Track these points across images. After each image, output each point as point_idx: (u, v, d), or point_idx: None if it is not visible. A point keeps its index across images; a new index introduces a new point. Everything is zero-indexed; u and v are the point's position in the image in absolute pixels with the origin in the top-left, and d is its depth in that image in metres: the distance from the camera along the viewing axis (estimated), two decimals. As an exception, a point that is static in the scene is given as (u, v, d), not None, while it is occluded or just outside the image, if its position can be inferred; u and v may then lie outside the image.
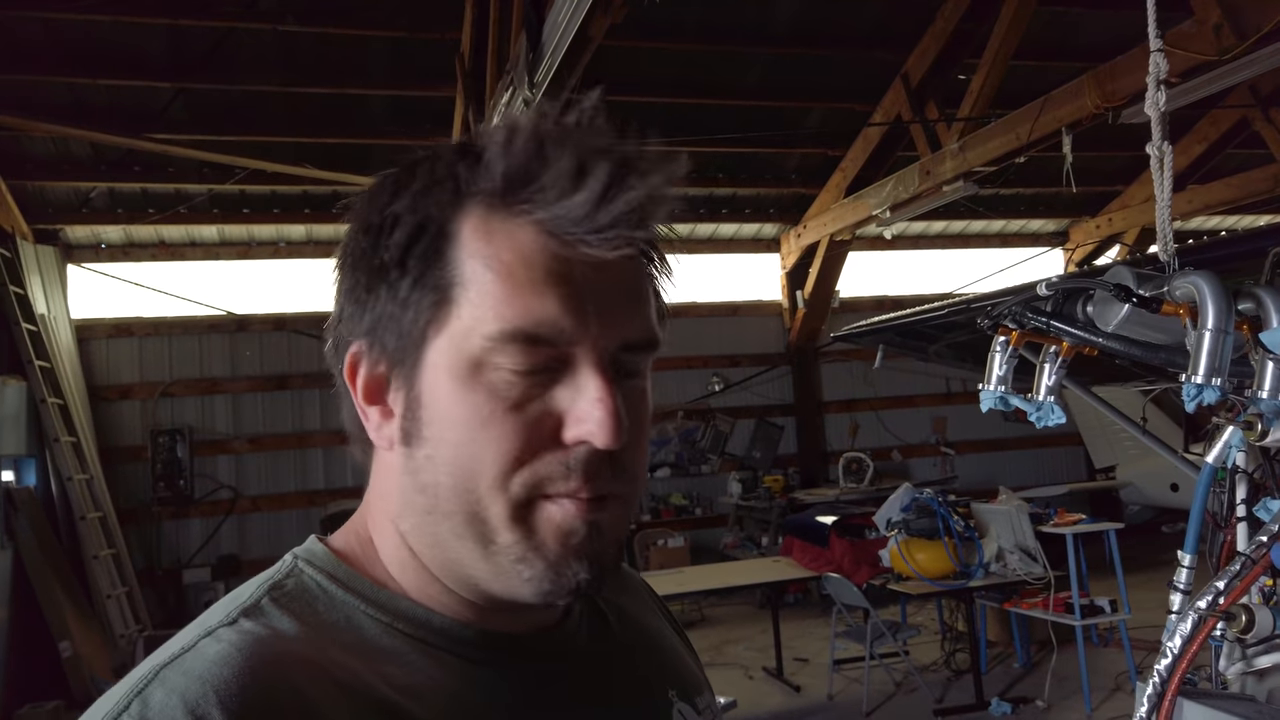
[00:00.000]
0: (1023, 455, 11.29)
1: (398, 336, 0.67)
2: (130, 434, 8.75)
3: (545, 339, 0.64)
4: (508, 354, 0.64)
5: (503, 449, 0.64)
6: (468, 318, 0.64)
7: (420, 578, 0.71)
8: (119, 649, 7.29)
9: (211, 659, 0.59)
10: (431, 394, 0.66)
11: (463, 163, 0.67)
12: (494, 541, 0.65)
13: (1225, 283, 1.33)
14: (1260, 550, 1.67)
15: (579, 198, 0.63)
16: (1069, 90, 6.20)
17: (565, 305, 0.64)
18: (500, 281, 0.64)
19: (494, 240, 0.65)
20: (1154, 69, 1.67)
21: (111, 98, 7.38)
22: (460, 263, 0.65)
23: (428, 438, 0.66)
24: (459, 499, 0.65)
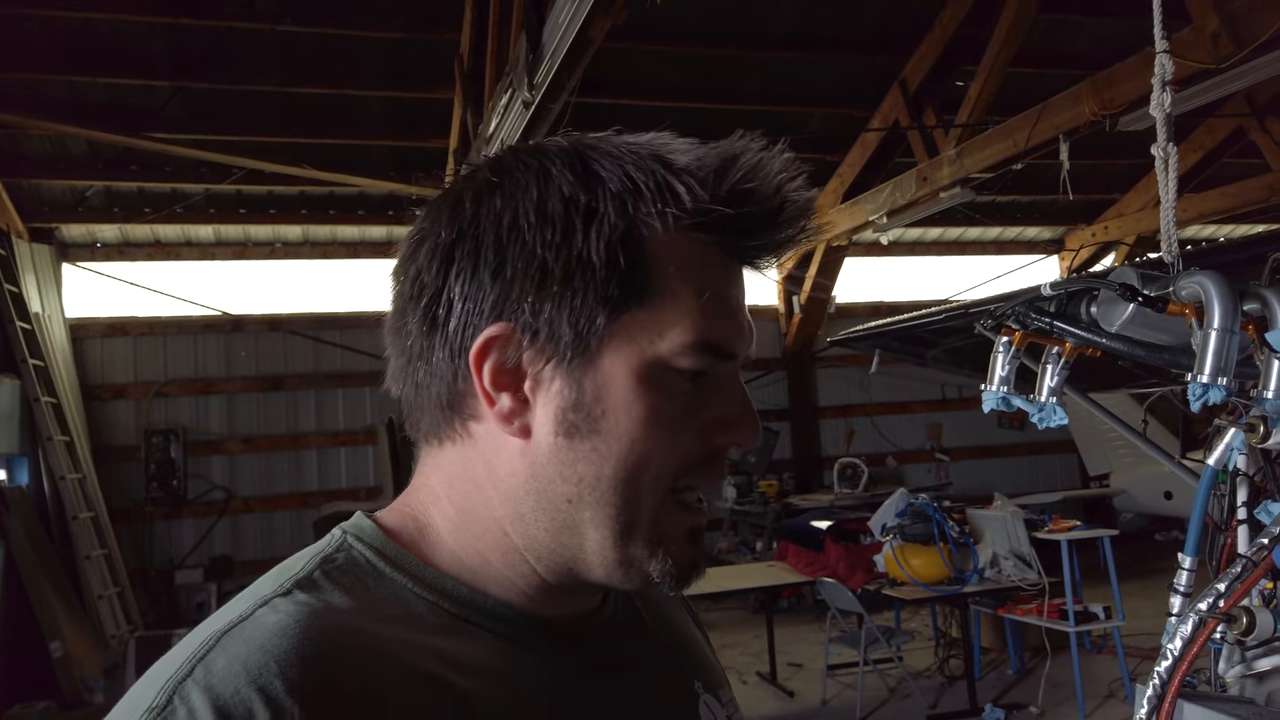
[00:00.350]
0: (1017, 462, 11.31)
1: (577, 330, 0.67)
2: (124, 433, 8.72)
3: (730, 353, 0.70)
4: (692, 361, 0.68)
5: (672, 448, 0.69)
6: (661, 324, 0.68)
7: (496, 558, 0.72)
8: (110, 649, 7.26)
9: (271, 629, 0.61)
10: (607, 389, 0.68)
11: (671, 174, 0.69)
12: (634, 534, 0.69)
13: (1232, 283, 1.33)
14: (1261, 553, 1.67)
15: (757, 218, 0.70)
16: (1067, 97, 6.22)
17: (742, 326, 0.72)
18: (695, 295, 0.69)
19: (690, 254, 0.69)
20: (1159, 70, 1.67)
21: (109, 96, 7.36)
22: (659, 271, 0.68)
23: (599, 431, 0.68)
24: (620, 492, 0.68)
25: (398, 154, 8.51)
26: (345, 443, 9.33)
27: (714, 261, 0.70)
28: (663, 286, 0.68)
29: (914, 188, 7.74)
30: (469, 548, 0.73)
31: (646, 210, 0.68)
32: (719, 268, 0.71)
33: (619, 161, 0.69)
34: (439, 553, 0.73)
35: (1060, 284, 1.60)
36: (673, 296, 0.68)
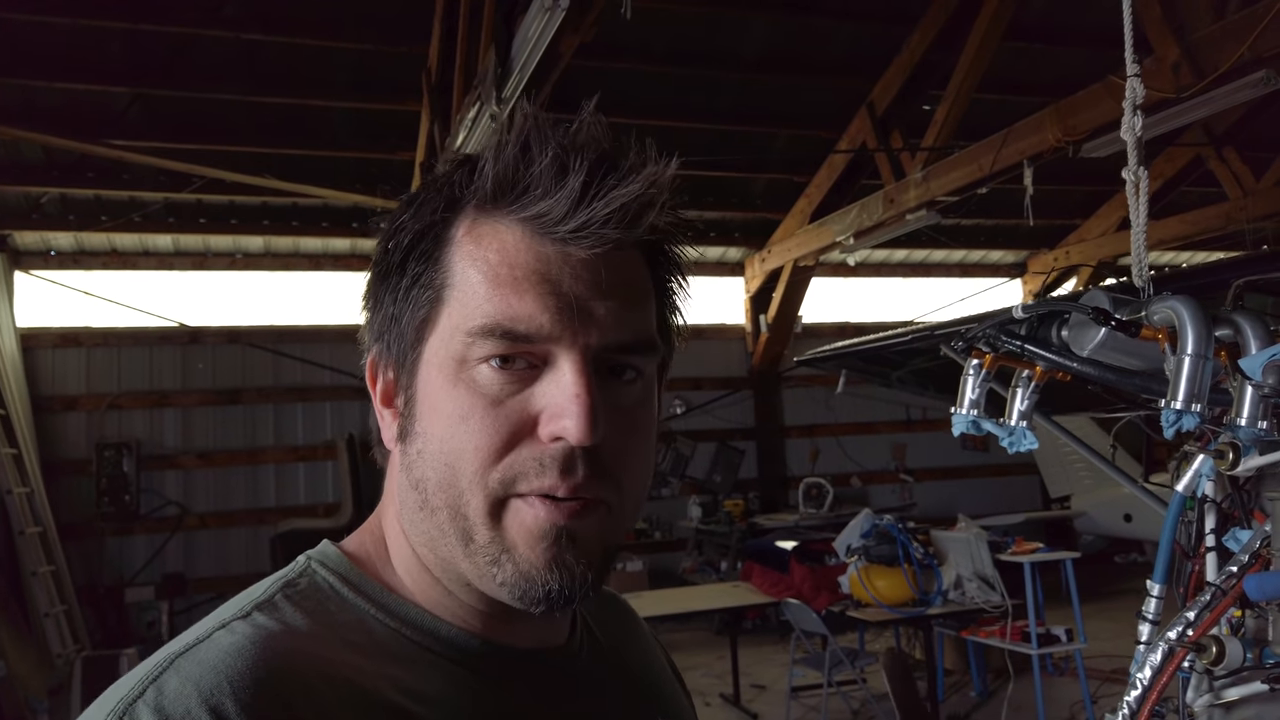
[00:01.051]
0: (980, 483, 11.39)
1: (399, 338, 0.70)
2: (75, 447, 8.49)
3: (523, 334, 0.65)
4: (487, 348, 0.65)
5: (481, 442, 0.65)
6: (456, 315, 0.67)
7: (426, 580, 0.72)
8: (56, 669, 7.04)
9: (226, 650, 0.61)
10: (424, 391, 0.68)
11: (461, 170, 0.70)
12: (472, 539, 0.67)
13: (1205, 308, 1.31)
14: (1230, 581, 1.65)
15: (560, 196, 0.65)
16: (1031, 123, 6.30)
17: (544, 302, 0.65)
18: (485, 280, 0.66)
19: (482, 241, 0.68)
20: (1130, 94, 1.66)
21: (66, 101, 7.21)
22: (452, 264, 0.68)
23: (418, 433, 0.68)
24: (443, 493, 0.67)
25: (364, 166, 8.42)
26: (304, 458, 9.16)
27: (519, 245, 0.67)
28: (456, 280, 0.68)
29: (880, 209, 7.79)
30: (404, 569, 0.73)
31: (441, 211, 0.70)
32: (526, 250, 0.67)
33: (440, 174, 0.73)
34: (399, 575, 0.73)
35: (1031, 307, 1.58)
36: (463, 287, 0.67)
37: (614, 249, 0.67)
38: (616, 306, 0.68)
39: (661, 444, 10.42)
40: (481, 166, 0.68)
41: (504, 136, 0.68)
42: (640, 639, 0.94)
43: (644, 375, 0.71)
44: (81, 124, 7.20)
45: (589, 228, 0.65)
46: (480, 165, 0.68)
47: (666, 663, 0.96)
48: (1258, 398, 1.24)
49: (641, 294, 0.71)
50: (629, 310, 0.69)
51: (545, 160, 0.66)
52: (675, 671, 0.97)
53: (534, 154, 0.66)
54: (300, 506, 8.99)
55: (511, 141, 0.67)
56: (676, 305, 0.77)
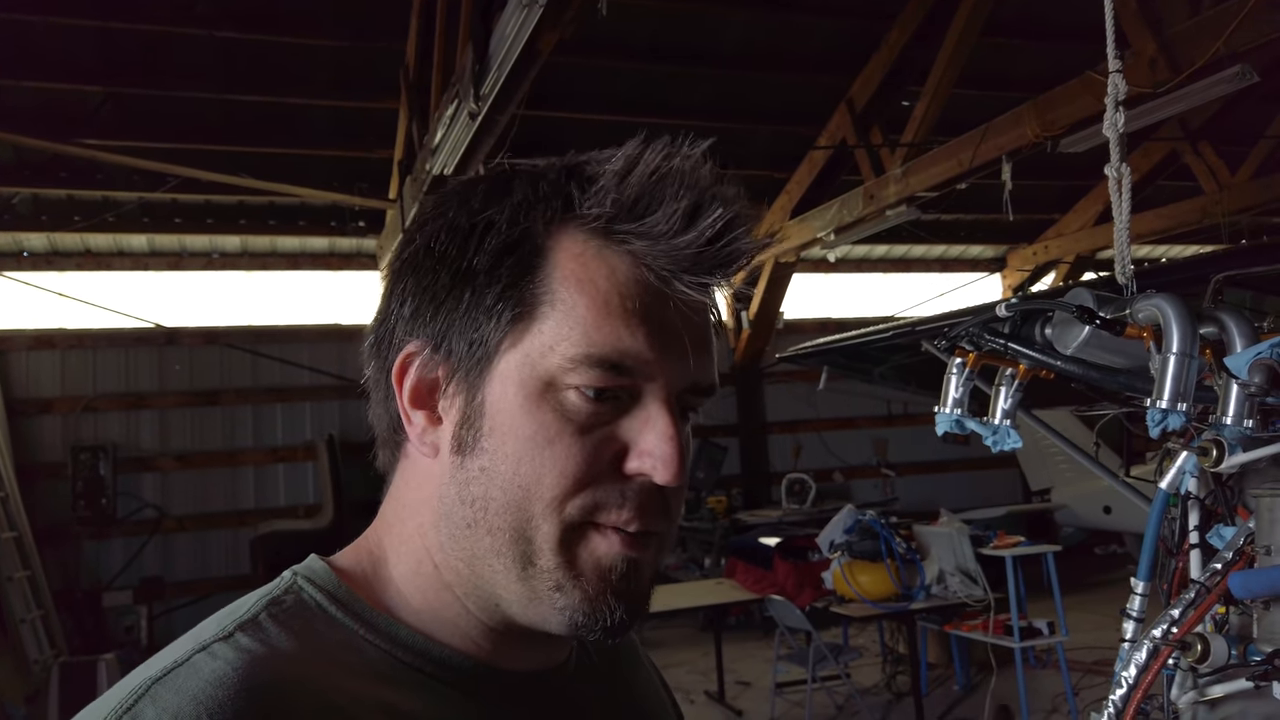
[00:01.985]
0: (962, 477, 11.45)
1: (470, 343, 0.66)
2: (50, 450, 8.38)
3: (627, 369, 0.64)
4: (587, 376, 0.63)
5: (565, 469, 0.63)
6: (550, 335, 0.64)
7: (437, 597, 0.69)
8: (33, 675, 6.95)
9: (207, 678, 0.57)
10: (496, 406, 0.65)
11: (574, 183, 0.67)
12: (534, 564, 0.64)
13: (1190, 306, 1.31)
14: (1215, 578, 1.65)
15: (689, 238, 0.64)
16: (1010, 119, 6.32)
17: (652, 340, 0.64)
18: (592, 306, 0.64)
19: (590, 265, 0.65)
20: (1113, 90, 1.65)
21: (37, 100, 7.10)
22: (552, 281, 0.65)
23: (486, 449, 0.65)
24: (509, 515, 0.64)
25: (341, 165, 8.34)
26: (284, 459, 9.08)
27: (628, 275, 0.65)
28: (556, 298, 0.65)
29: (861, 205, 7.80)
30: (410, 584, 0.70)
31: (543, 219, 0.66)
32: (635, 282, 0.65)
33: (535, 175, 0.68)
34: (390, 593, 0.70)
35: (1015, 305, 1.57)
36: (565, 308, 0.64)
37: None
38: (701, 350, 0.68)
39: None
40: (601, 185, 0.65)
41: (633, 161, 0.65)
42: (633, 658, 0.92)
43: (697, 415, 0.72)
44: (53, 123, 7.09)
45: (707, 273, 0.66)
46: (600, 184, 0.65)
47: (657, 679, 0.95)
48: (1243, 396, 1.23)
49: (713, 339, 0.72)
50: (707, 354, 0.70)
51: (684, 199, 0.64)
52: (665, 687, 0.96)
53: (668, 189, 0.64)
54: (280, 508, 8.92)
55: (644, 169, 0.65)
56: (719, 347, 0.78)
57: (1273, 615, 1.53)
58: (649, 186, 0.65)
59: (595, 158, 0.68)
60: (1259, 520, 1.57)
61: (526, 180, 0.68)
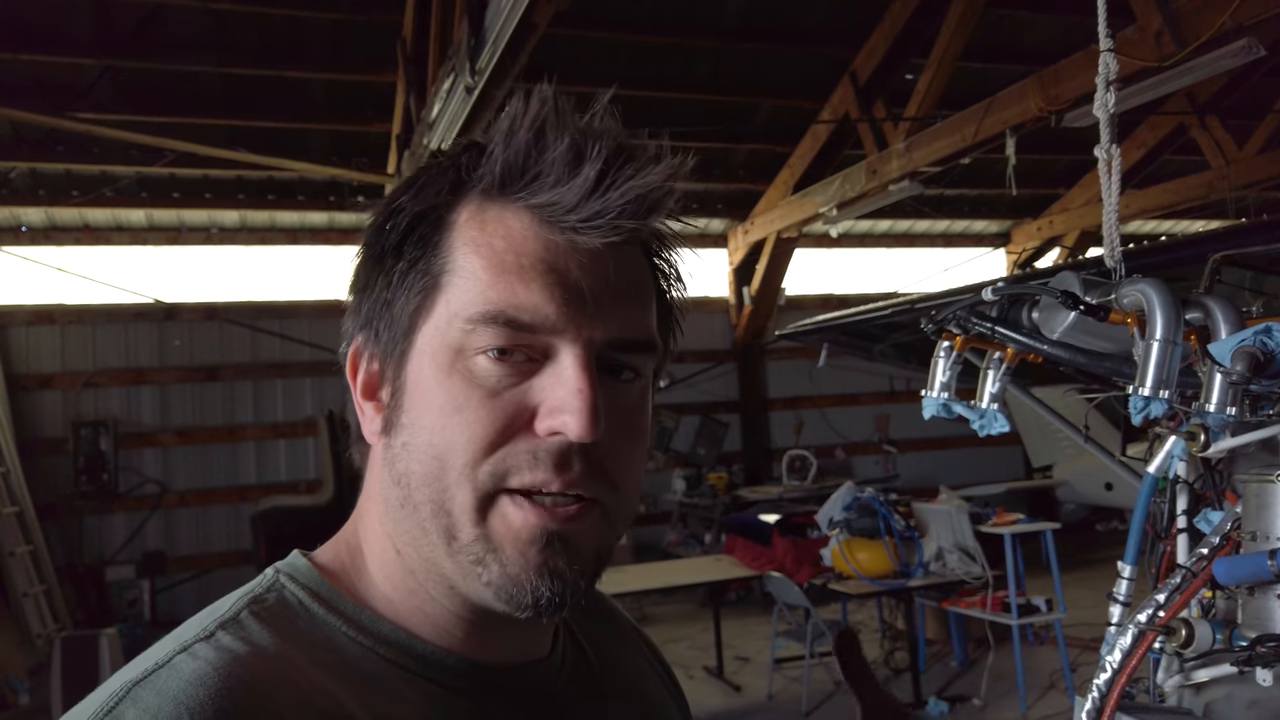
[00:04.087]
0: (964, 454, 11.43)
1: (389, 325, 0.66)
2: (51, 425, 8.40)
3: (526, 324, 0.62)
4: (486, 337, 0.62)
5: (474, 434, 0.62)
6: (455, 303, 0.64)
7: (407, 587, 0.68)
8: (36, 649, 7.01)
9: (187, 678, 0.57)
10: (415, 381, 0.65)
11: (466, 154, 0.67)
12: (456, 537, 0.63)
13: (1174, 292, 1.28)
14: (1200, 563, 1.64)
15: (573, 184, 0.63)
16: (1013, 93, 6.24)
17: (550, 293, 0.63)
18: (488, 267, 0.63)
19: (487, 227, 0.65)
20: (1103, 70, 1.62)
21: (34, 74, 7.04)
22: (453, 250, 0.65)
23: (405, 424, 0.65)
24: (428, 487, 0.63)
25: (339, 139, 8.29)
26: (284, 435, 9.10)
27: (526, 233, 0.64)
28: (456, 266, 0.65)
29: (863, 180, 7.74)
30: (381, 574, 0.69)
31: (443, 194, 0.66)
32: (533, 238, 0.64)
33: (439, 156, 0.69)
34: (368, 586, 0.70)
35: (1001, 289, 1.54)
36: (464, 274, 0.64)
37: (621, 243, 0.65)
38: (622, 303, 0.66)
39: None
40: (491, 150, 0.65)
41: (517, 121, 0.64)
42: (628, 646, 0.90)
43: (642, 376, 0.69)
44: (49, 97, 7.05)
45: (602, 218, 0.63)
46: (489, 149, 0.65)
47: (656, 664, 0.93)
48: (1226, 383, 1.21)
49: (645, 293, 0.69)
50: (634, 308, 0.67)
51: (561, 146, 0.63)
52: (664, 668, 0.94)
53: (548, 139, 0.63)
54: (281, 484, 8.95)
55: (525, 126, 0.64)
56: (674, 311, 0.75)
57: (1257, 601, 1.52)
58: (531, 140, 0.64)
59: (496, 128, 0.66)
60: (1246, 505, 1.55)
61: (431, 163, 0.69)
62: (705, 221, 10.66)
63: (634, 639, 0.93)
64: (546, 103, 0.65)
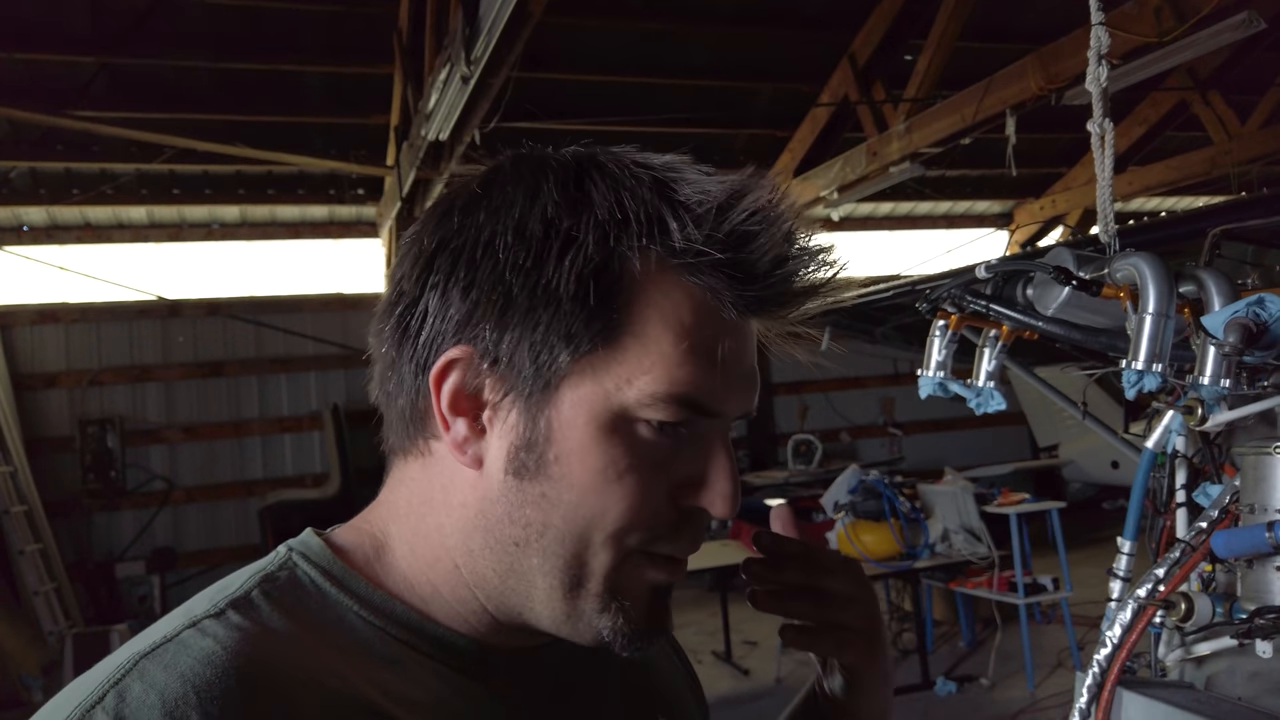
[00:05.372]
0: (969, 435, 11.42)
1: (538, 365, 0.63)
2: (57, 424, 8.44)
3: (704, 408, 0.64)
4: (664, 413, 0.62)
5: (633, 505, 0.63)
6: (630, 368, 0.62)
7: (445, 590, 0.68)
8: (48, 647, 7.06)
9: (196, 655, 0.57)
10: (564, 433, 0.63)
11: (665, 207, 0.63)
12: (583, 587, 0.65)
13: (1167, 265, 1.27)
14: (1200, 537, 1.64)
15: (774, 281, 0.64)
16: (1013, 72, 6.20)
17: (729, 380, 0.65)
18: (676, 343, 0.62)
19: (675, 298, 0.63)
20: (1095, 43, 1.61)
21: (30, 73, 7.03)
22: (635, 311, 0.62)
23: (550, 476, 0.63)
24: (568, 543, 0.64)
25: (338, 131, 8.27)
26: (290, 429, 9.13)
27: (707, 310, 0.63)
28: (638, 329, 0.62)
29: (864, 163, 7.70)
30: (421, 575, 0.69)
31: (630, 243, 0.62)
32: (712, 317, 0.64)
33: (616, 185, 0.64)
34: (392, 575, 0.69)
35: (995, 266, 1.54)
36: (647, 341, 0.62)
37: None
38: (754, 381, 0.68)
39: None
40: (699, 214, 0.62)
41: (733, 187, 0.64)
42: None
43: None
44: (48, 96, 7.04)
45: (781, 301, 0.65)
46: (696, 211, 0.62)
47: (678, 661, 0.93)
48: (1220, 356, 1.20)
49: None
50: (758, 384, 0.69)
51: (778, 233, 0.63)
52: (686, 665, 0.95)
53: (763, 226, 0.63)
54: (288, 478, 8.98)
55: (744, 201, 0.63)
56: None
57: (1256, 573, 1.51)
58: (745, 224, 0.63)
59: (681, 175, 0.65)
60: (1244, 478, 1.55)
61: (608, 190, 0.64)
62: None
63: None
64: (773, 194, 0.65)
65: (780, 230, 0.64)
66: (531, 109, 6.56)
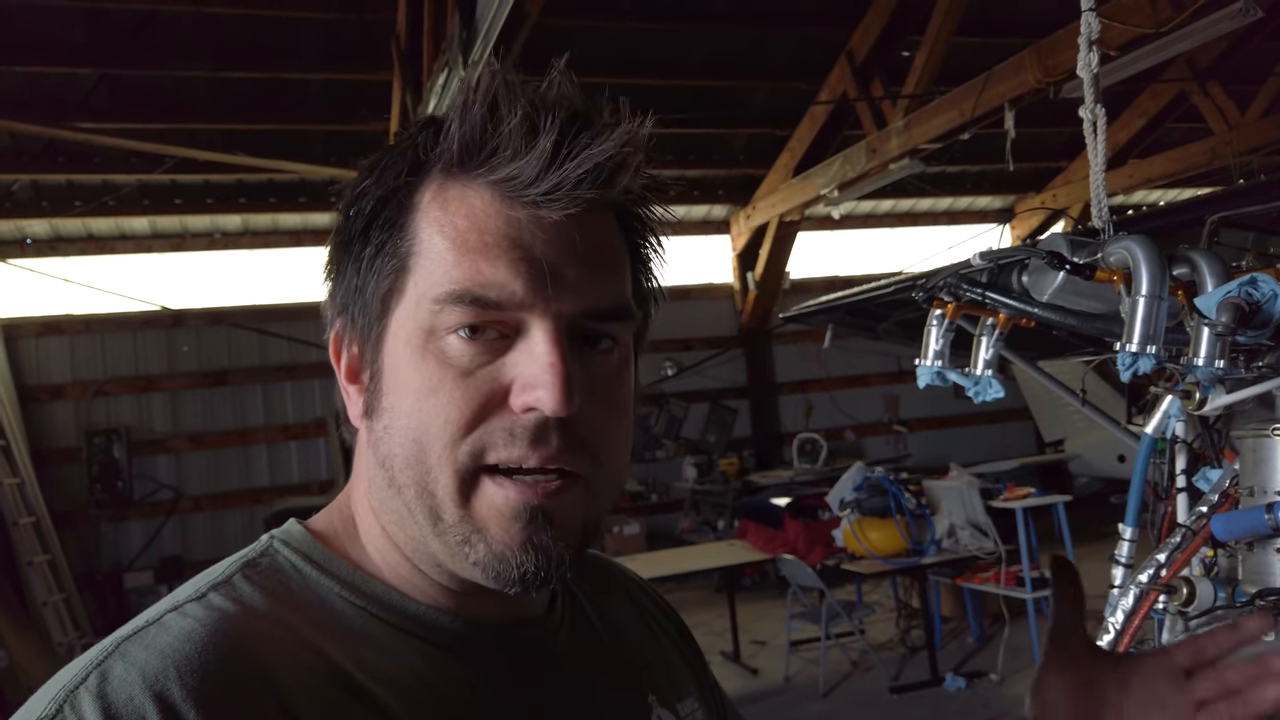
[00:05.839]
0: (975, 431, 11.40)
1: (364, 310, 0.67)
2: (64, 435, 8.46)
3: (493, 301, 0.63)
4: (455, 316, 0.63)
5: (450, 415, 0.63)
6: (423, 284, 0.64)
7: (396, 558, 0.70)
8: (58, 657, 7.06)
9: (176, 634, 0.58)
10: (391, 364, 0.66)
11: (424, 133, 0.67)
12: (441, 519, 0.64)
13: (1161, 247, 1.27)
14: (1200, 521, 1.63)
15: (530, 157, 0.62)
16: (1010, 65, 6.20)
17: (516, 268, 0.63)
18: (452, 246, 0.64)
19: (449, 206, 0.65)
20: (1085, 29, 1.61)
21: (30, 86, 7.07)
22: (418, 231, 0.65)
23: (385, 408, 0.66)
24: (411, 470, 0.64)
25: (338, 138, 8.29)
26: (295, 436, 9.14)
27: (486, 207, 0.64)
28: (422, 245, 0.65)
29: (864, 160, 7.70)
30: (373, 545, 0.71)
31: (399, 169, 0.67)
32: (494, 213, 0.64)
33: (398, 137, 0.70)
34: (368, 554, 0.71)
35: (990, 254, 1.54)
36: (430, 255, 0.65)
37: (587, 212, 0.65)
38: (591, 272, 0.65)
39: (654, 406, 10.42)
40: (447, 128, 0.65)
41: (470, 96, 0.64)
42: (637, 609, 0.90)
43: (620, 344, 0.69)
44: (47, 108, 7.07)
45: (561, 189, 0.63)
46: (446, 127, 0.65)
47: (672, 632, 0.92)
48: (1214, 336, 1.20)
49: (616, 259, 0.69)
50: (604, 276, 0.67)
51: (514, 120, 0.62)
52: (686, 638, 0.94)
53: (502, 114, 0.63)
54: (295, 485, 9.00)
55: (478, 101, 0.64)
56: (652, 271, 0.75)
57: (1256, 556, 1.51)
58: (486, 117, 0.64)
59: (452, 106, 0.67)
60: (1243, 461, 1.55)
61: (391, 144, 0.70)
62: (707, 208, 10.64)
63: (632, 589, 0.93)
64: (497, 76, 0.64)
65: (512, 107, 0.63)
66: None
